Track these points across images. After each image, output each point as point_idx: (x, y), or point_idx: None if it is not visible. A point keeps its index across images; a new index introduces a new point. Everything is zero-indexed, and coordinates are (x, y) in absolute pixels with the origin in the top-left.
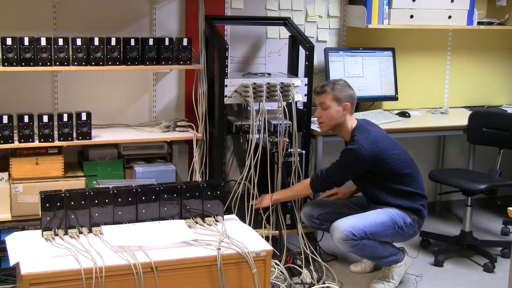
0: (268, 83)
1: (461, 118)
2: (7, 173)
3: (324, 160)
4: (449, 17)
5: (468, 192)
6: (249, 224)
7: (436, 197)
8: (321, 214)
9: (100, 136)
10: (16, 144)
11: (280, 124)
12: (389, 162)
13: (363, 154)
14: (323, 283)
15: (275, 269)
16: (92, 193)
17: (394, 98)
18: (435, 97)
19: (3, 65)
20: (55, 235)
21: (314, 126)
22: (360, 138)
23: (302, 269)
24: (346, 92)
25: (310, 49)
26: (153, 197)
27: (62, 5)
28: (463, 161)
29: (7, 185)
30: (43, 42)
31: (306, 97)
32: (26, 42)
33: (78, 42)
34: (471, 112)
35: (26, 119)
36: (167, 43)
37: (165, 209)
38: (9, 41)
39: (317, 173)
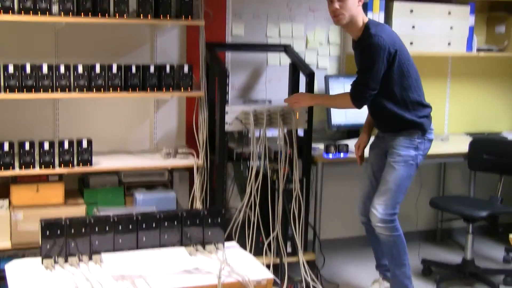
0: (268, 110)
1: (462, 145)
2: (7, 200)
3: (325, 187)
4: (449, 44)
5: (470, 219)
6: (250, 252)
7: (437, 224)
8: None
9: (101, 163)
10: (17, 171)
11: (281, 151)
12: (402, 59)
13: (384, 44)
14: None
15: None
16: (92, 220)
17: None
18: (435, 124)
19: (5, 92)
20: (55, 263)
21: (315, 153)
22: (376, 30)
23: None
24: None
25: (310, 76)
26: (154, 224)
27: (64, 32)
28: (464, 188)
29: (7, 213)
30: (45, 69)
31: (306, 123)
32: (28, 69)
33: (80, 69)
34: (471, 138)
35: (27, 146)
36: (168, 70)
37: (166, 236)
38: (11, 69)
39: (352, 89)
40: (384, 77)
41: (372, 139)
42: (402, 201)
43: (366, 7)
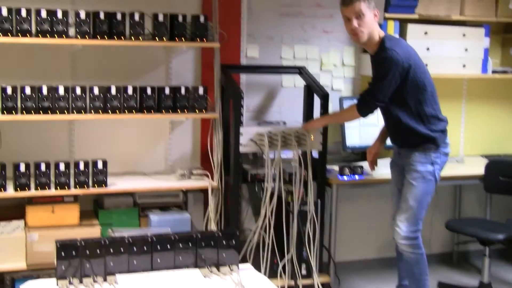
0: (283, 132)
1: (477, 167)
2: (23, 221)
3: (340, 209)
4: (464, 65)
5: (486, 242)
6: (265, 274)
7: (453, 247)
8: None
9: (116, 184)
10: (32, 192)
11: (295, 172)
12: (417, 72)
13: (398, 59)
14: None
15: None
16: (107, 242)
17: None
18: (451, 146)
19: (22, 114)
20: (69, 284)
21: (330, 175)
22: (391, 44)
23: None
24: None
25: (325, 97)
26: (168, 246)
27: (80, 54)
28: (480, 210)
29: (23, 234)
30: (61, 91)
31: (321, 145)
32: (45, 91)
33: (96, 90)
34: (487, 161)
35: (43, 167)
36: (183, 91)
37: (180, 258)
38: (28, 90)
39: (359, 97)
40: (399, 90)
41: (389, 158)
42: (424, 216)
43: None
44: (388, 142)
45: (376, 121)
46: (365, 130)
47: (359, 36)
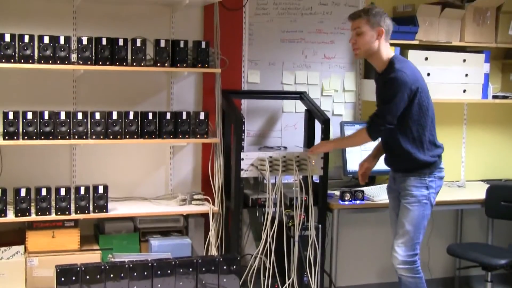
0: (284, 157)
1: (479, 192)
2: (23, 246)
3: (341, 234)
4: (464, 91)
5: (488, 267)
6: None
7: (455, 272)
8: None
9: (117, 209)
10: (33, 217)
11: (296, 197)
12: (422, 96)
13: (407, 80)
14: None
15: None
16: (107, 267)
17: None
18: (452, 171)
19: (23, 139)
20: None
21: (331, 200)
22: (400, 66)
23: None
24: (380, 17)
25: (326, 122)
26: (169, 271)
27: (82, 80)
28: (482, 235)
29: (23, 259)
30: (63, 116)
31: (322, 170)
32: (46, 116)
33: (97, 116)
34: (488, 185)
35: (43, 192)
36: (184, 117)
37: (181, 283)
38: (29, 115)
39: (369, 120)
40: (403, 114)
41: (385, 184)
42: (421, 241)
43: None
44: (383, 165)
45: None
46: (366, 154)
47: (355, 52)
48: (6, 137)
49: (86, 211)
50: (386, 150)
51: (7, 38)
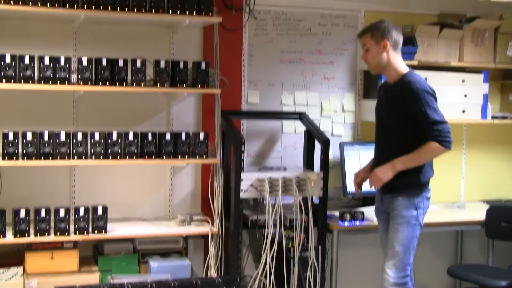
0: (284, 177)
1: (479, 213)
2: (21, 267)
3: (341, 255)
4: (463, 111)
5: None
6: None
7: None
8: None
9: (116, 230)
10: (32, 238)
11: (296, 218)
12: None
13: (428, 87)
14: None
15: None
16: None
17: None
18: (451, 191)
19: (23, 159)
20: None
21: (330, 221)
22: (416, 79)
23: None
24: (383, 30)
25: (325, 143)
26: None
27: (82, 100)
28: (482, 256)
29: (22, 280)
30: (62, 136)
31: (322, 191)
32: (46, 137)
33: (97, 136)
34: (488, 206)
35: (43, 213)
36: (183, 137)
37: None
38: (29, 136)
39: (433, 135)
40: (414, 128)
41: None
42: (412, 262)
43: (380, 76)
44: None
45: None
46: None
47: (368, 66)
48: (6, 158)
49: (85, 232)
50: (378, 165)
51: (8, 58)
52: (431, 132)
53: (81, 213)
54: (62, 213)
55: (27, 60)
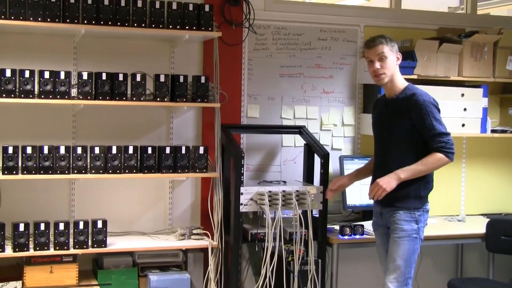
0: (283, 191)
1: (479, 226)
2: (20, 281)
3: (341, 268)
4: (463, 125)
5: None
6: None
7: None
8: None
9: (116, 244)
10: (31, 252)
11: (296, 232)
12: None
13: (432, 99)
14: None
15: None
16: None
17: None
18: (451, 205)
19: (22, 173)
20: None
21: (330, 234)
22: (420, 91)
23: None
24: (395, 43)
25: (325, 157)
26: None
27: (82, 114)
28: (482, 269)
29: None
30: (62, 150)
31: (322, 204)
32: (46, 151)
33: (96, 150)
34: (488, 219)
35: (42, 226)
36: (183, 151)
37: None
38: (29, 150)
39: (438, 146)
40: (418, 138)
41: (371, 221)
42: (412, 276)
43: (380, 90)
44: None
45: None
46: (365, 189)
47: (380, 78)
48: (6, 172)
49: (85, 246)
50: (379, 177)
51: (8, 73)
52: (436, 143)
53: (81, 226)
54: (61, 226)
55: (27, 74)
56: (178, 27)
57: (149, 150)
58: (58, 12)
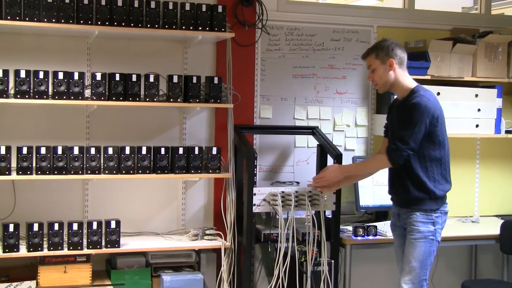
0: (296, 192)
1: (493, 227)
2: (35, 281)
3: (354, 269)
4: (477, 125)
5: None
6: None
7: None
8: None
9: (129, 244)
10: (45, 252)
11: (309, 233)
12: (442, 127)
13: (429, 106)
14: None
15: None
16: None
17: None
18: (465, 206)
19: (37, 174)
20: None
21: (343, 235)
22: (425, 93)
23: None
24: (387, 49)
25: (338, 157)
26: None
27: (95, 115)
28: (497, 271)
29: None
30: (76, 151)
31: (334, 205)
32: (60, 151)
33: (110, 151)
34: (503, 221)
35: (56, 226)
36: (196, 152)
37: None
38: (43, 150)
39: (390, 147)
40: (423, 141)
41: (389, 221)
42: (428, 277)
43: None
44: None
45: None
46: (378, 189)
47: (376, 87)
48: (20, 172)
49: (98, 246)
50: (395, 181)
51: (22, 74)
52: (391, 144)
53: (94, 227)
54: (75, 227)
55: (41, 75)
56: (191, 28)
57: (162, 151)
58: (72, 14)
